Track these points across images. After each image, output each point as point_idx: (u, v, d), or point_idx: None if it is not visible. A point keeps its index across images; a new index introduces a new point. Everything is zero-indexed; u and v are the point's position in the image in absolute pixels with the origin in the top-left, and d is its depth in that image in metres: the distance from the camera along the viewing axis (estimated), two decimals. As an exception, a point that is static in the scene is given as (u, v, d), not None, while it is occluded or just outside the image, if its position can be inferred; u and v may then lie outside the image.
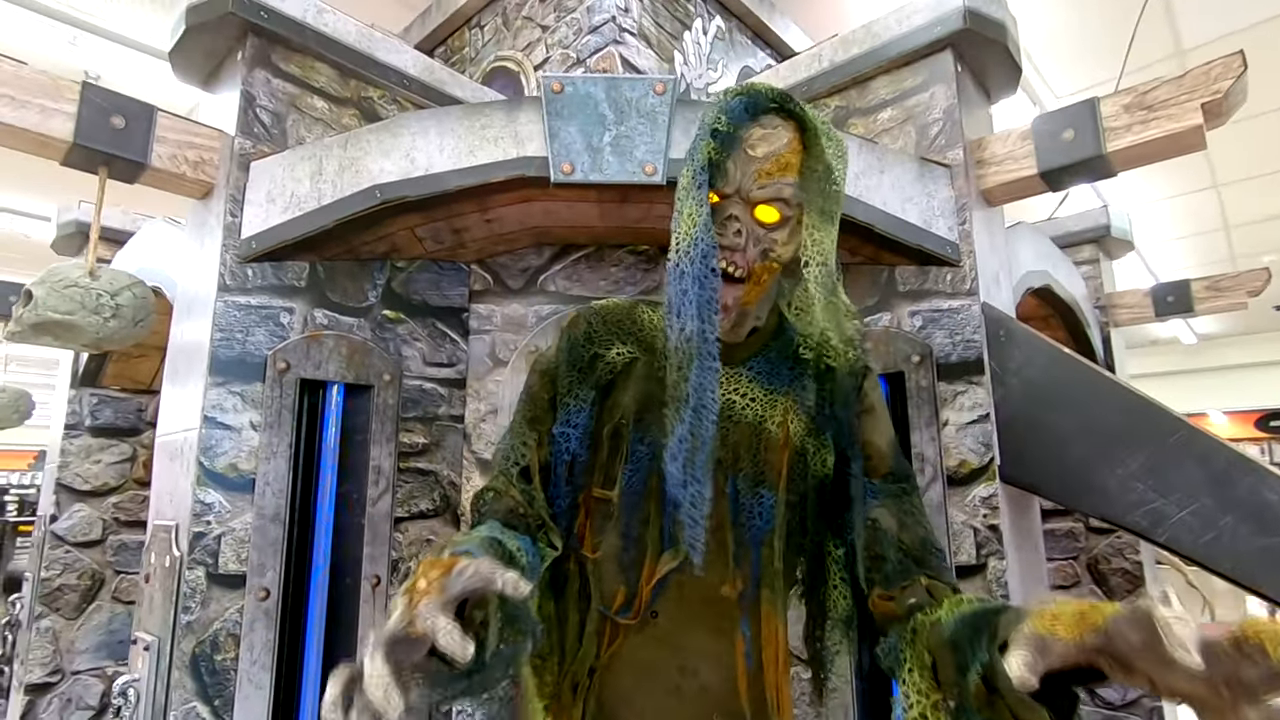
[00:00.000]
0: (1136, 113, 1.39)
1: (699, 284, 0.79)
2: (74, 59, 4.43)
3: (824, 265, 0.81)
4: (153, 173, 1.43)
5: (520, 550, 0.77)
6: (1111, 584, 2.60)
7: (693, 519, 0.79)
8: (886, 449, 0.88)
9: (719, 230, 0.81)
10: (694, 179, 0.81)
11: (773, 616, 0.84)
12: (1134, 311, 2.78)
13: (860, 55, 1.70)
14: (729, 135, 0.81)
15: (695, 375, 0.79)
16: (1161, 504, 1.22)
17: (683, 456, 0.79)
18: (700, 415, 0.79)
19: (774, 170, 0.80)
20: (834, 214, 0.83)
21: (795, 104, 0.82)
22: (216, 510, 1.35)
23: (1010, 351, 1.42)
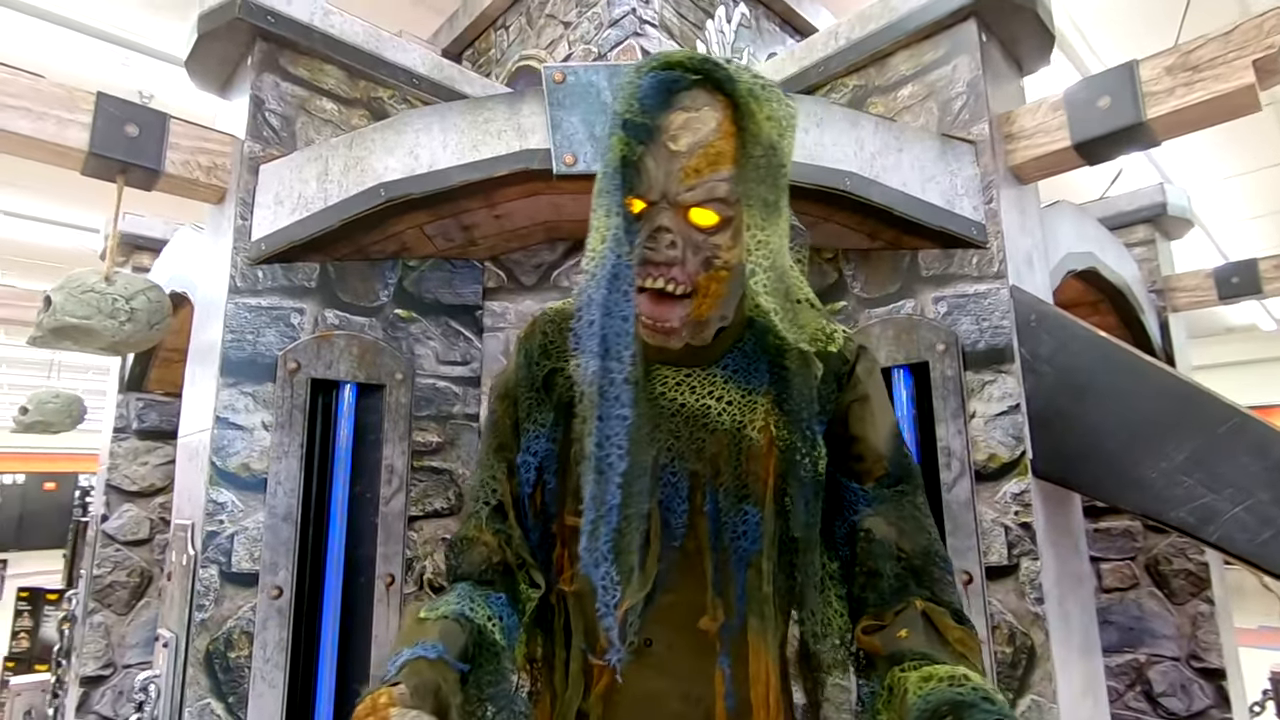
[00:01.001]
0: (1180, 74, 1.27)
1: (606, 312, 0.67)
2: (126, 79, 4.64)
3: (772, 270, 0.69)
4: (167, 179, 1.46)
5: (492, 619, 0.73)
6: (1173, 586, 2.43)
7: (604, 605, 0.68)
8: (883, 446, 0.77)
9: (649, 244, 0.68)
10: (604, 185, 0.68)
11: (761, 650, 0.73)
12: (1195, 295, 2.59)
13: (878, 30, 1.62)
14: (645, 126, 0.66)
15: (599, 429, 0.68)
16: (1212, 499, 1.11)
17: (587, 529, 0.68)
18: (604, 476, 0.68)
19: (702, 166, 0.66)
20: (779, 202, 0.70)
21: (721, 71, 0.67)
22: (229, 509, 1.37)
23: (1042, 337, 1.32)
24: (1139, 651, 2.46)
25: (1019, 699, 1.28)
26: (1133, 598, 2.49)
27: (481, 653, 0.71)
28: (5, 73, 1.29)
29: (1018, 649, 1.28)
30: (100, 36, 4.27)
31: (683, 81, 0.67)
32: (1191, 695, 2.37)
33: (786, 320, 0.71)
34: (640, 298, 0.70)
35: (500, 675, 0.72)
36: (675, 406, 0.78)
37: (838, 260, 1.65)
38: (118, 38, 4.27)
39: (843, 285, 1.64)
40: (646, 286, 0.69)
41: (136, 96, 4.84)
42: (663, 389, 0.79)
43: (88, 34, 4.18)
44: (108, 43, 4.32)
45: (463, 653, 0.69)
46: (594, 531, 0.68)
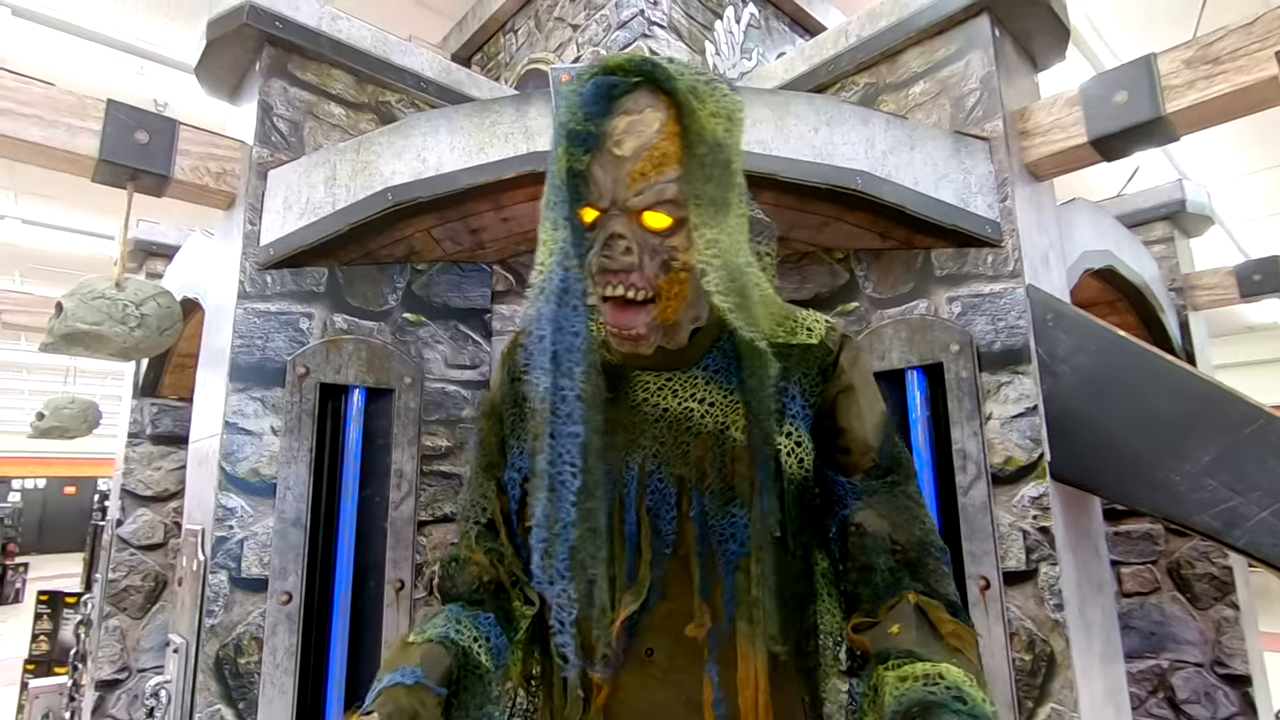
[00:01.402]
0: (1199, 67, 1.24)
1: (556, 327, 0.67)
2: (142, 88, 4.70)
3: (724, 269, 0.66)
4: (177, 185, 1.47)
5: (478, 640, 0.74)
6: (1196, 591, 2.38)
7: (560, 622, 0.69)
8: (870, 437, 0.75)
9: (605, 254, 0.67)
10: (550, 197, 0.67)
11: (750, 655, 0.71)
12: (1216, 293, 2.54)
13: (889, 28, 1.60)
14: (589, 133, 0.65)
15: (550, 446, 0.67)
16: (1238, 503, 1.08)
17: (540, 549, 0.68)
18: (557, 495, 0.67)
19: (648, 169, 0.65)
20: (727, 197, 0.69)
21: (660, 70, 0.65)
22: (238, 515, 1.37)
23: (1059, 337, 1.29)
24: (1161, 657, 2.41)
25: (1038, 707, 1.25)
26: (1154, 602, 2.45)
27: (466, 675, 0.71)
28: (16, 81, 1.30)
29: (1037, 656, 1.25)
30: (116, 46, 4.32)
31: (623, 85, 0.66)
32: (1216, 702, 2.31)
33: (741, 317, 0.69)
34: (605, 307, 0.69)
35: (485, 698, 0.72)
36: (658, 412, 0.77)
37: (849, 261, 1.63)
38: (133, 46, 4.32)
39: (854, 286, 1.62)
40: (607, 295, 0.68)
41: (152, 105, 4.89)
42: (644, 395, 0.78)
43: (103, 43, 4.23)
44: (123, 52, 4.38)
45: (445, 676, 0.70)
46: (548, 550, 0.68)
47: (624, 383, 0.79)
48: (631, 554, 0.75)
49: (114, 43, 4.26)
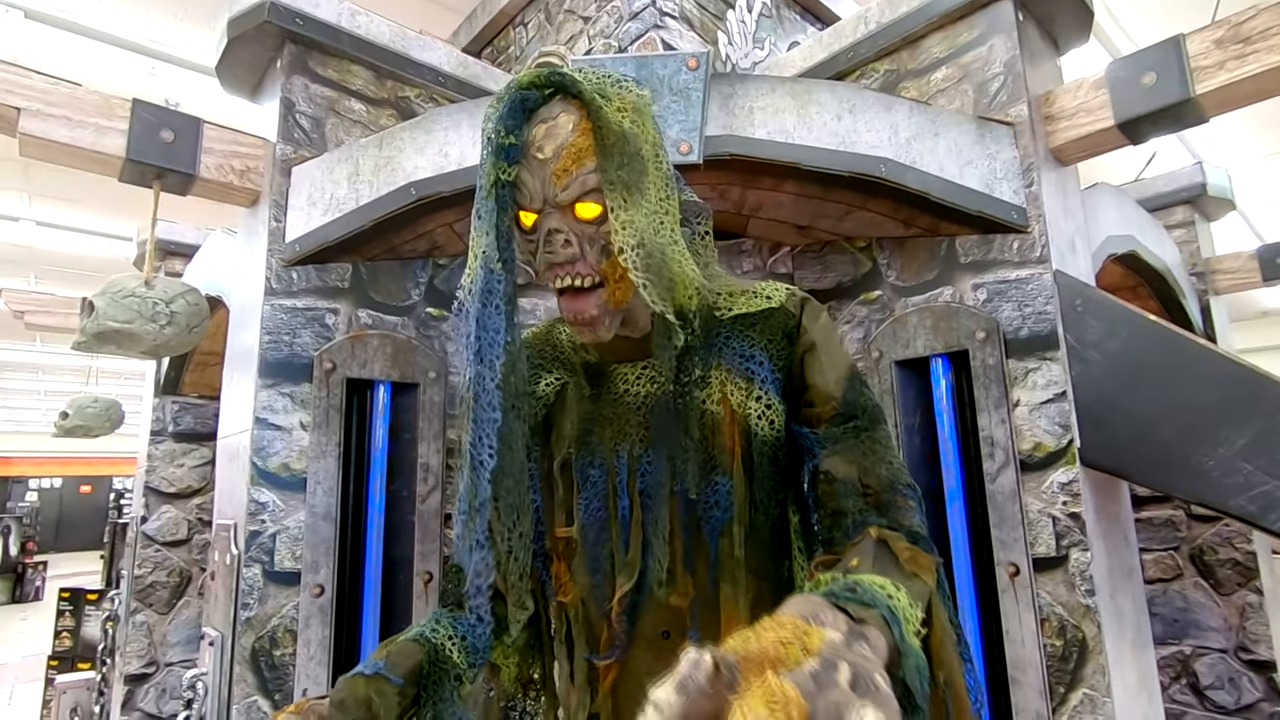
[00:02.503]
0: (1230, 47, 1.23)
1: (478, 324, 0.72)
2: (154, 88, 4.72)
3: (640, 248, 0.71)
4: (202, 183, 1.48)
5: (452, 639, 0.79)
6: (1219, 576, 2.37)
7: (476, 588, 0.76)
8: (832, 387, 0.78)
9: (548, 250, 0.72)
10: (478, 207, 0.73)
11: (734, 613, 0.75)
12: (1237, 277, 2.52)
13: (910, 13, 1.58)
14: (513, 145, 0.71)
15: (472, 427, 0.73)
16: (1274, 486, 1.07)
17: (462, 519, 0.75)
18: (477, 472, 0.73)
19: (569, 165, 0.70)
20: (639, 182, 0.74)
21: (567, 79, 0.72)
22: (270, 509, 1.38)
23: (1089, 322, 1.28)
24: (1184, 643, 2.40)
25: (1070, 693, 1.25)
26: (1177, 589, 2.44)
27: (435, 670, 0.76)
28: (45, 82, 1.31)
29: (1068, 642, 1.25)
30: (127, 46, 4.34)
31: (535, 97, 0.72)
32: (1240, 688, 2.31)
33: (655, 292, 0.72)
34: (560, 301, 0.75)
35: (455, 692, 0.77)
36: (639, 398, 0.81)
37: (871, 250, 1.63)
38: (145, 47, 4.34)
39: (877, 274, 1.61)
40: (558, 287, 0.73)
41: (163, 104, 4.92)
42: (625, 386, 0.82)
43: (114, 44, 4.25)
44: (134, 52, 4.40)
45: (414, 670, 0.75)
46: (469, 521, 0.75)
47: (605, 379, 0.84)
48: (625, 537, 0.78)
49: (125, 43, 4.28)
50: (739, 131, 1.41)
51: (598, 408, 0.83)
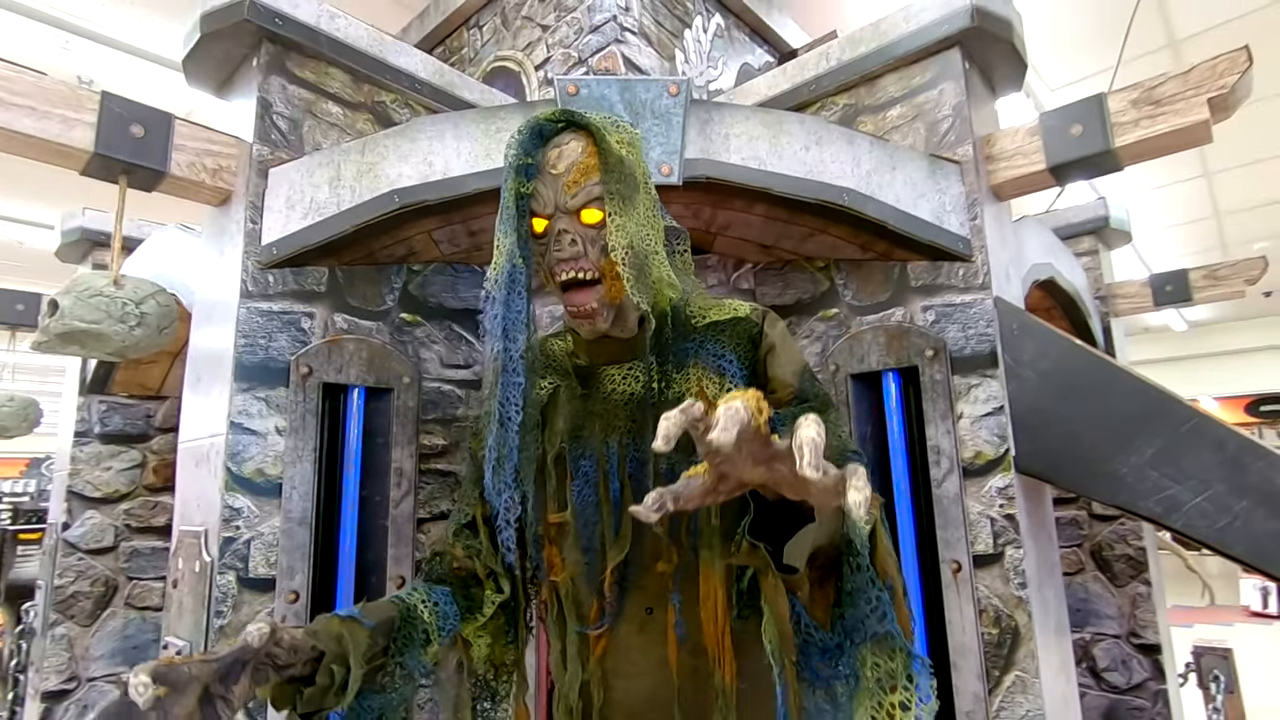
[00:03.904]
0: (1144, 108, 1.41)
1: (505, 307, 0.87)
2: (67, 64, 4.41)
3: (630, 248, 0.87)
4: (172, 180, 1.44)
5: (425, 602, 0.89)
6: (1115, 570, 2.64)
7: (506, 522, 0.88)
8: (790, 378, 0.92)
9: (556, 248, 0.88)
10: (503, 213, 0.88)
11: (711, 575, 0.87)
12: (1133, 301, 2.81)
13: (869, 53, 1.72)
14: (530, 166, 0.88)
15: (500, 390, 0.87)
16: (1176, 491, 1.25)
17: (491, 467, 0.87)
18: (504, 426, 0.87)
19: (579, 178, 0.87)
20: (633, 198, 0.89)
21: (578, 115, 0.90)
22: (245, 515, 1.36)
23: (1024, 344, 1.44)
24: (1085, 631, 2.67)
25: (1004, 676, 1.39)
26: (1079, 581, 2.70)
27: (406, 626, 0.85)
28: (8, 69, 1.26)
29: (1003, 630, 1.40)
30: (39, 19, 4.05)
31: (551, 128, 0.91)
32: (1131, 669, 2.58)
33: (635, 286, 0.87)
34: (565, 295, 0.89)
35: (422, 647, 0.86)
36: (626, 396, 0.94)
37: (830, 270, 1.75)
38: (59, 20, 4.06)
39: (834, 293, 1.74)
40: (563, 280, 0.88)
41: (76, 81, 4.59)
42: (612, 386, 0.95)
43: (26, 15, 3.96)
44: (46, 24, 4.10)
45: (387, 623, 0.84)
46: (498, 467, 0.88)
47: (594, 380, 0.96)
48: (616, 517, 0.90)
49: (36, 14, 3.99)
50: (715, 156, 1.49)
51: (588, 405, 0.94)
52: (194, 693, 0.65)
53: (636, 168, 0.92)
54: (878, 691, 0.67)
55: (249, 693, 0.70)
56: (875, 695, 0.68)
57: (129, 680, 0.62)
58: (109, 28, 4.26)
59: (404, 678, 0.84)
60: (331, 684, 0.75)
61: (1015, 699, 1.38)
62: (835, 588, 0.72)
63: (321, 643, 0.76)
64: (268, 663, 0.72)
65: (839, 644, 0.71)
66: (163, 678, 0.63)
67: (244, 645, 0.70)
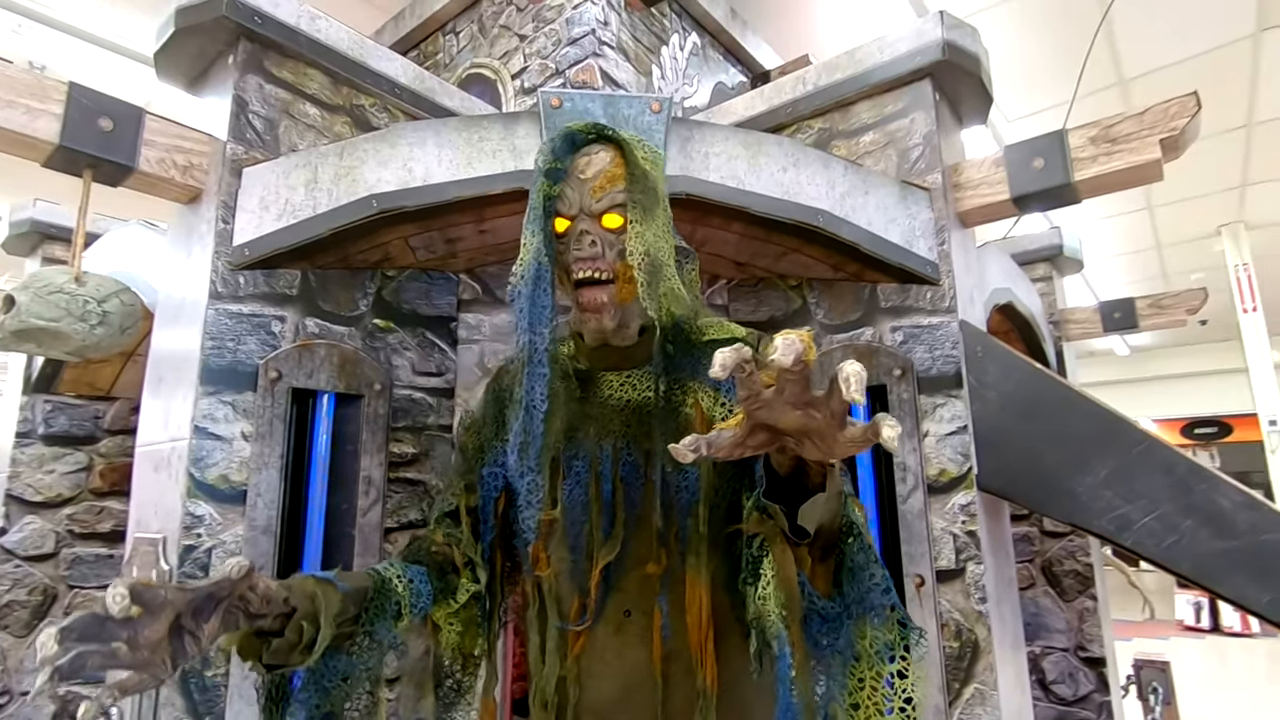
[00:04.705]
0: (1102, 145, 1.49)
1: (531, 302, 0.92)
2: (18, 47, 4.25)
3: (646, 254, 0.92)
4: (140, 176, 1.40)
5: (400, 577, 0.89)
6: (1064, 585, 2.74)
7: (528, 502, 0.92)
8: None
9: (576, 247, 0.93)
10: (531, 214, 0.94)
11: (696, 583, 0.90)
12: (1084, 327, 2.94)
13: (844, 80, 1.77)
14: (559, 170, 0.94)
15: (526, 380, 0.92)
16: (1128, 510, 1.31)
17: (516, 449, 0.91)
18: (530, 414, 0.91)
19: (605, 184, 0.93)
20: (654, 209, 0.95)
21: (609, 130, 0.97)
22: (207, 522, 1.32)
23: (987, 366, 1.50)
24: (1034, 644, 2.75)
25: (964, 688, 1.44)
26: (1030, 596, 2.79)
27: (379, 596, 0.86)
28: (-30, 55, 1.21)
29: (963, 644, 1.44)
30: (-12, 0, 3.90)
31: (581, 138, 0.97)
32: (1078, 682, 2.68)
33: (647, 292, 0.91)
34: (578, 292, 0.93)
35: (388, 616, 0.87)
36: (623, 403, 0.98)
37: (802, 289, 1.79)
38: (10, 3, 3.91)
39: (806, 311, 1.78)
40: (579, 278, 0.92)
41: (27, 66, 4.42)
42: (609, 391, 0.99)
43: (-25, -4, 3.80)
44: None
45: (360, 592, 0.84)
46: (522, 451, 0.91)
47: (592, 384, 1.00)
48: (608, 517, 0.92)
49: (-15, -4, 3.84)
50: (695, 174, 1.52)
51: (585, 409, 0.97)
52: (166, 619, 0.65)
53: (658, 184, 0.97)
54: (877, 661, 0.71)
55: (217, 632, 0.70)
56: (875, 665, 0.71)
57: (107, 591, 0.60)
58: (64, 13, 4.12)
59: (372, 647, 0.84)
60: (299, 641, 0.75)
61: (974, 711, 1.42)
62: (835, 565, 0.75)
63: (294, 598, 0.76)
64: (240, 608, 0.72)
65: (838, 614, 0.73)
66: (138, 597, 0.62)
67: (223, 578, 0.69)
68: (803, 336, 0.56)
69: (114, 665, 0.63)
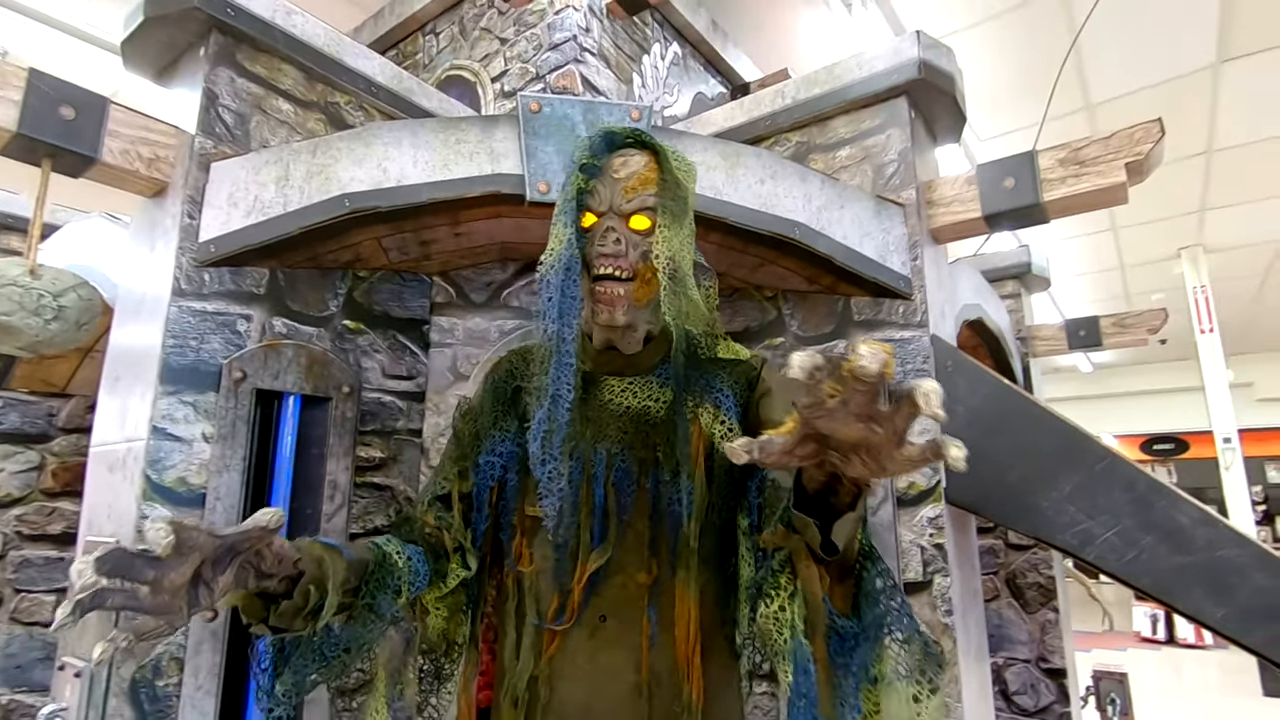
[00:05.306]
0: (1070, 167, 1.52)
1: (561, 292, 0.92)
2: (-23, 32, 4.12)
3: (671, 259, 0.93)
4: (102, 168, 1.36)
5: (400, 553, 0.88)
6: (1027, 597, 2.78)
7: (548, 490, 0.91)
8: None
9: (600, 242, 0.93)
10: (564, 206, 0.95)
11: (685, 596, 0.90)
12: (1050, 343, 3.00)
13: (822, 95, 1.79)
14: (594, 166, 0.96)
15: (554, 369, 0.92)
16: (1090, 525, 1.33)
17: (540, 438, 0.90)
18: (556, 403, 0.91)
19: (637, 186, 0.94)
20: (682, 218, 0.96)
21: (647, 135, 0.99)
22: (163, 526, 1.28)
23: (956, 381, 1.51)
24: (998, 655, 2.79)
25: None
26: (994, 608, 2.83)
27: (379, 570, 0.85)
28: (-76, 37, 1.16)
29: (929, 655, 1.45)
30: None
31: (619, 139, 0.98)
32: (1039, 693, 2.72)
33: (670, 301, 0.92)
34: (595, 285, 0.94)
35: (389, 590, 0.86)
36: (622, 408, 0.98)
37: (777, 300, 1.80)
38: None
39: (781, 323, 1.79)
40: (600, 273, 0.93)
41: (-9, 52, 4.29)
42: (610, 395, 0.99)
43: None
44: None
45: (361, 561, 0.83)
46: (547, 439, 0.91)
47: (594, 386, 1.00)
48: (599, 521, 0.92)
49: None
50: (674, 183, 1.52)
51: (583, 410, 0.96)
52: (192, 564, 0.64)
53: (689, 195, 0.99)
54: (908, 683, 0.71)
55: (229, 585, 0.68)
56: (907, 685, 0.71)
57: (147, 523, 0.60)
58: (28, -2, 4.00)
59: (373, 620, 0.82)
60: (305, 605, 0.74)
61: (939, 723, 1.43)
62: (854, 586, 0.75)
63: (303, 562, 0.75)
64: (253, 564, 0.71)
65: (855, 634, 0.73)
66: (177, 534, 0.61)
67: (255, 527, 0.68)
68: (886, 348, 0.55)
69: (133, 606, 0.62)
